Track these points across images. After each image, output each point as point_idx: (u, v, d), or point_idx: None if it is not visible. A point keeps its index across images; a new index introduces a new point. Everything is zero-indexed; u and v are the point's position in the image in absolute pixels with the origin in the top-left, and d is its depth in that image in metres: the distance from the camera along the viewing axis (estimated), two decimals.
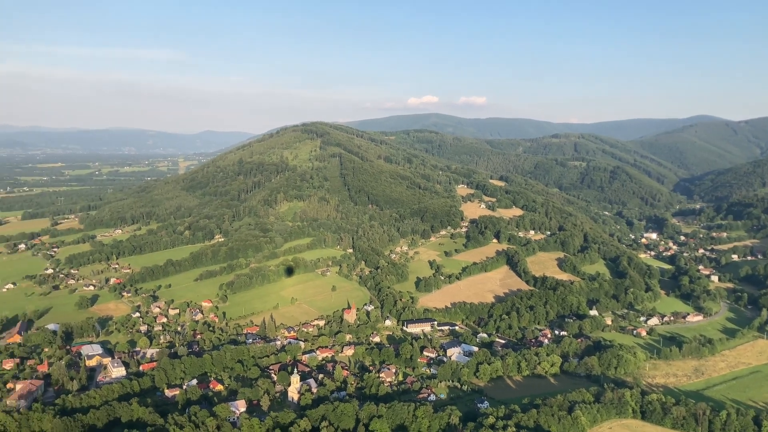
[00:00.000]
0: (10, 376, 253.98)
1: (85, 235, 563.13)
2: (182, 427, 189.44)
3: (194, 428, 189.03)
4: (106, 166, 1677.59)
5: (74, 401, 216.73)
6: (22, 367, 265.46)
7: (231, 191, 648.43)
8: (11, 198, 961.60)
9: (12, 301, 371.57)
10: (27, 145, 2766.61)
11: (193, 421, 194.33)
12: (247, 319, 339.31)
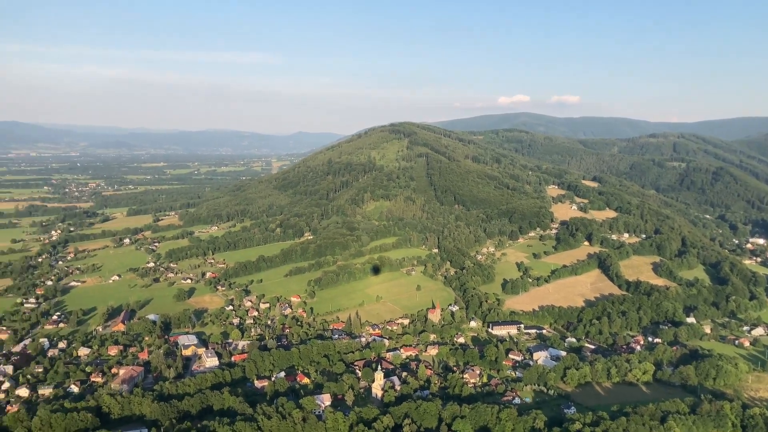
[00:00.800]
0: (114, 362, 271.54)
1: (183, 231, 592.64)
2: (270, 417, 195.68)
3: (281, 419, 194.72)
4: (204, 165, 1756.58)
5: (171, 388, 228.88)
6: (125, 354, 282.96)
7: (320, 190, 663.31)
8: (118, 195, 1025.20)
9: (117, 291, 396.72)
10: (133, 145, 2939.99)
11: (281, 412, 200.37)
12: (333, 315, 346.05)
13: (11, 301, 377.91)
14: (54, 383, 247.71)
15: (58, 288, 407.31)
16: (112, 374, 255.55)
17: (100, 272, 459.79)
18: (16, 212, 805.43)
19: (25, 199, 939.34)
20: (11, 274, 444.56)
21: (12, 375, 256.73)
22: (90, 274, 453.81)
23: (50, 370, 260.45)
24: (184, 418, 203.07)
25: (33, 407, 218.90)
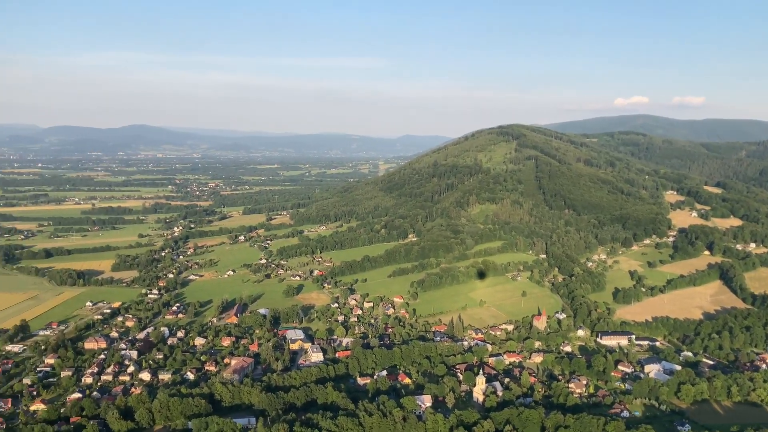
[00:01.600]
0: (226, 352, 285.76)
1: (294, 230, 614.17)
2: (371, 414, 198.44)
3: (382, 417, 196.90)
4: (314, 167, 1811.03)
5: (278, 380, 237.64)
6: (236, 345, 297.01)
7: (425, 192, 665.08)
8: (235, 195, 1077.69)
9: (231, 286, 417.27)
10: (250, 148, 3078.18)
11: (381, 409, 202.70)
12: (435, 318, 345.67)
13: (137, 291, 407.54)
14: (172, 369, 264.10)
15: (179, 281, 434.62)
16: (224, 364, 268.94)
17: (216, 267, 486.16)
18: (143, 209, 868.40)
19: (152, 198, 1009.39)
20: (138, 266, 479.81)
21: (136, 360, 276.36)
22: (207, 269, 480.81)
23: (169, 357, 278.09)
24: (290, 410, 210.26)
25: (153, 390, 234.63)
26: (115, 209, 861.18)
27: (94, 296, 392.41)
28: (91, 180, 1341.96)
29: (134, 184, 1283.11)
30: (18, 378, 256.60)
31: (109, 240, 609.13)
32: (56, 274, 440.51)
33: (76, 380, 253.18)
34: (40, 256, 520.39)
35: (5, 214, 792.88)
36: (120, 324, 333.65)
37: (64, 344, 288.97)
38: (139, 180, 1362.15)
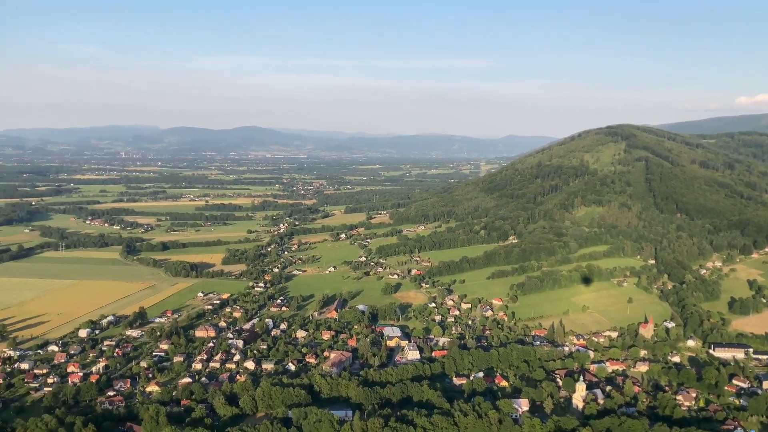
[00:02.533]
0: (326, 346, 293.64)
1: (393, 229, 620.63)
2: (466, 414, 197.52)
3: (477, 418, 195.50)
4: (415, 168, 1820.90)
5: (375, 375, 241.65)
6: (336, 339, 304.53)
7: (527, 194, 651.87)
8: (338, 194, 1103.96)
9: (332, 282, 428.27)
10: (353, 149, 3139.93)
11: (477, 410, 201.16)
12: (535, 321, 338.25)
13: (244, 284, 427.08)
14: (275, 360, 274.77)
15: (283, 275, 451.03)
16: (324, 357, 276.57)
17: (318, 263, 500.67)
18: (252, 206, 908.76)
19: (260, 196, 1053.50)
20: (246, 260, 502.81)
21: (242, 349, 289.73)
22: (310, 265, 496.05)
23: (272, 348, 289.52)
24: (385, 405, 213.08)
25: (257, 379, 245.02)
26: (227, 206, 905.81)
27: (206, 287, 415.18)
28: (205, 178, 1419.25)
29: (244, 182, 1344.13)
30: (136, 361, 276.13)
31: (220, 235, 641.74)
32: (172, 266, 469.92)
33: (187, 366, 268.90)
34: (158, 249, 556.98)
35: (128, 209, 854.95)
36: (228, 314, 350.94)
37: (177, 331, 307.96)
38: (249, 179, 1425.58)
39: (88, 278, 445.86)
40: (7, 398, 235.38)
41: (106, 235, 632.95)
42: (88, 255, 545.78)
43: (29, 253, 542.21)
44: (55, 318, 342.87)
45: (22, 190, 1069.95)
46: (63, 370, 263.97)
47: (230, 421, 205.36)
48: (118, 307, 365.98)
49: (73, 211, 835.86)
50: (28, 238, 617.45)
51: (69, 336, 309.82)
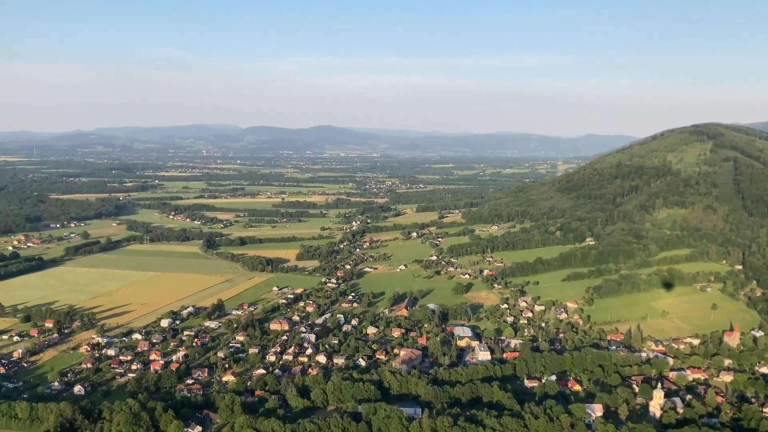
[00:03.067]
0: (396, 343, 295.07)
1: (465, 229, 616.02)
2: (537, 417, 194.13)
3: (548, 421, 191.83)
4: (489, 167, 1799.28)
5: (444, 374, 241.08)
6: (406, 337, 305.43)
7: (606, 194, 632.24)
8: (410, 193, 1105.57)
9: (403, 280, 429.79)
10: (426, 148, 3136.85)
11: (548, 414, 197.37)
12: (611, 326, 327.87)
13: (317, 279, 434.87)
14: (346, 355, 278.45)
15: (355, 272, 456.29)
16: (394, 354, 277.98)
17: (389, 261, 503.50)
18: (326, 204, 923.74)
19: (334, 193, 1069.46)
20: (319, 257, 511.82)
21: (314, 343, 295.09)
22: (381, 262, 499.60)
23: (344, 343, 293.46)
24: (454, 404, 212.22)
25: (328, 373, 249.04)
26: (302, 203, 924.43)
27: (280, 282, 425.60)
28: (281, 176, 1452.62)
29: (319, 180, 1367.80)
30: (214, 351, 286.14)
31: (295, 231, 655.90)
32: (249, 260, 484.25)
33: (262, 357, 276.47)
34: (236, 244, 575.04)
35: (209, 205, 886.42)
36: (301, 309, 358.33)
37: (253, 324, 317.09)
38: (323, 177, 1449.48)
39: (170, 270, 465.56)
40: (96, 382, 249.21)
41: (187, 229, 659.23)
42: (171, 248, 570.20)
43: (117, 246, 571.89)
44: (139, 308, 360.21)
45: (111, 185, 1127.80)
46: (146, 357, 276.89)
47: (302, 413, 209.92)
48: (197, 298, 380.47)
49: (158, 207, 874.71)
50: (116, 232, 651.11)
51: (152, 325, 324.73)
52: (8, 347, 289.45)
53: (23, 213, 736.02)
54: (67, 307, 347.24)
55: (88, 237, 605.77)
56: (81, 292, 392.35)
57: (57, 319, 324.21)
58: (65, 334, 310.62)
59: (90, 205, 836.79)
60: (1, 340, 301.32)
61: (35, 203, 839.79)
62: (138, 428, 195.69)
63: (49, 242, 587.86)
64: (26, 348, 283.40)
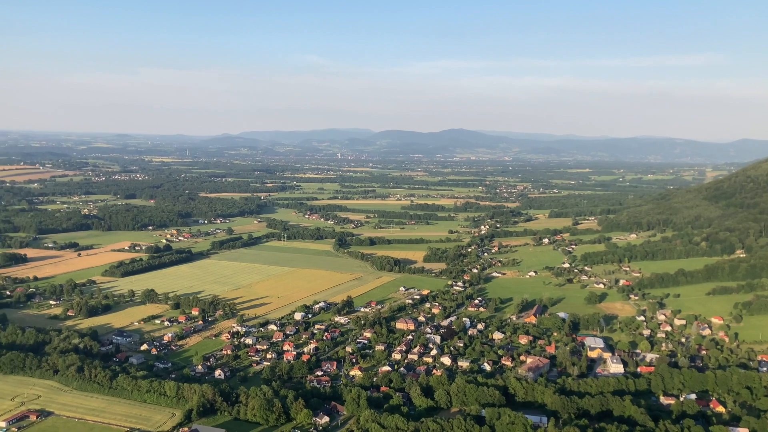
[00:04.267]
0: (523, 350, 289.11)
1: (601, 236, 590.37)
2: None
3: None
4: (629, 173, 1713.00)
5: (573, 384, 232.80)
6: (533, 345, 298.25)
7: (761, 204, 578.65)
8: (542, 198, 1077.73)
9: (532, 286, 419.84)
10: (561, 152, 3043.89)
11: None
12: (763, 345, 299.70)
13: (444, 282, 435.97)
14: (471, 358, 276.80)
15: (482, 276, 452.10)
16: (520, 360, 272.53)
17: (518, 267, 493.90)
18: (454, 207, 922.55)
19: (463, 197, 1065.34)
20: (446, 259, 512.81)
21: (439, 344, 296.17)
22: (509, 268, 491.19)
23: (469, 347, 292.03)
24: (582, 416, 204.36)
25: (452, 375, 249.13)
26: (430, 206, 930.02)
27: (407, 282, 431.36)
28: (411, 179, 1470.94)
29: (448, 184, 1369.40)
30: (342, 345, 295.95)
31: (423, 233, 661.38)
32: (377, 260, 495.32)
33: (387, 355, 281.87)
34: (366, 244, 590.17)
35: (342, 206, 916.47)
36: (427, 310, 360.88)
37: (380, 322, 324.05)
38: (452, 180, 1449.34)
39: (304, 267, 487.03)
40: (234, 367, 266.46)
41: (321, 228, 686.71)
42: (305, 246, 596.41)
43: (257, 242, 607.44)
44: (275, 300, 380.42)
45: (253, 185, 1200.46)
46: (279, 347, 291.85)
47: (425, 412, 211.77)
48: (328, 294, 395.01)
49: (295, 206, 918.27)
50: (257, 229, 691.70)
51: (286, 317, 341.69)
52: (160, 331, 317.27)
53: (176, 209, 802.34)
54: (212, 297, 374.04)
55: (231, 233, 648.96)
56: (224, 284, 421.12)
57: (202, 307, 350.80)
58: (209, 322, 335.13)
59: (234, 203, 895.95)
60: (154, 324, 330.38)
61: (186, 201, 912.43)
62: (271, 414, 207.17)
63: (197, 237, 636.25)
64: (175, 333, 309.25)
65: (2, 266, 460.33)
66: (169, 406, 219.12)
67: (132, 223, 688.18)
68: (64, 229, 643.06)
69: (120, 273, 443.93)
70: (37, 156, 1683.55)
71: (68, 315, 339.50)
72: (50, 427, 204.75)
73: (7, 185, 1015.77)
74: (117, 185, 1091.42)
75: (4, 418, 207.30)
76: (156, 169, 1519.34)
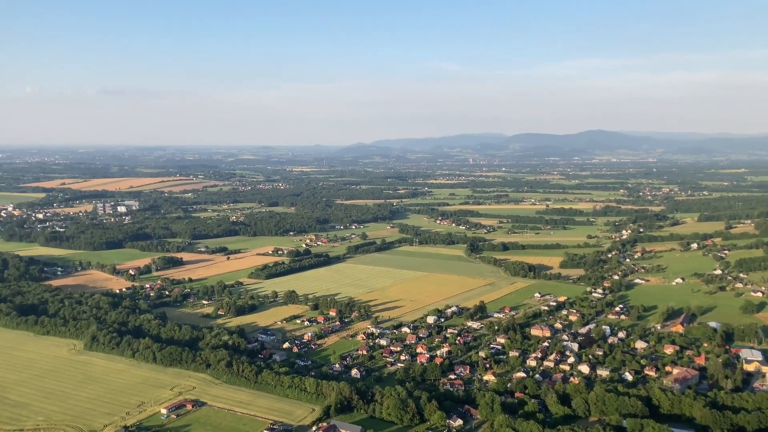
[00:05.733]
0: (668, 360, 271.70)
1: (758, 241, 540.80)
2: None
3: None
4: None
5: (726, 398, 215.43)
6: (680, 355, 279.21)
7: None
8: (690, 201, 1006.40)
9: (678, 294, 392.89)
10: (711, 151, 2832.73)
11: None
12: None
13: (582, 288, 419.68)
14: (611, 367, 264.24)
15: (623, 283, 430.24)
16: (665, 371, 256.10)
17: (663, 273, 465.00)
18: (593, 212, 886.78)
19: (602, 201, 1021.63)
20: (584, 265, 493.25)
21: (576, 352, 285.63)
22: (654, 274, 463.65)
23: (608, 355, 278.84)
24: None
25: (590, 383, 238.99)
26: (567, 210, 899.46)
27: (542, 289, 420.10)
28: (546, 183, 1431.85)
29: (586, 187, 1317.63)
30: (475, 350, 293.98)
31: (559, 239, 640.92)
32: (510, 266, 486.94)
33: (522, 361, 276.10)
34: (498, 249, 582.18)
35: (473, 211, 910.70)
36: (564, 317, 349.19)
37: (514, 328, 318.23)
38: (591, 183, 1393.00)
39: (436, 271, 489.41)
40: (369, 367, 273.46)
41: (452, 234, 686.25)
42: (437, 251, 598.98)
43: (389, 246, 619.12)
44: (408, 304, 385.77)
45: (386, 192, 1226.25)
46: (413, 349, 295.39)
47: (561, 420, 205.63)
48: (460, 299, 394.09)
49: (426, 212, 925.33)
50: (389, 234, 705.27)
51: (418, 321, 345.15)
52: (300, 330, 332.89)
53: (314, 216, 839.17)
54: (348, 299, 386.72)
55: (365, 238, 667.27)
56: (359, 287, 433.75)
57: (339, 308, 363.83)
58: (345, 323, 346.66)
59: (368, 209, 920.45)
60: (295, 323, 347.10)
61: (324, 207, 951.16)
62: (405, 414, 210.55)
63: (334, 241, 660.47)
64: (314, 332, 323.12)
65: (162, 268, 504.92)
66: (309, 402, 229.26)
67: (275, 229, 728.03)
68: (215, 234, 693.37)
69: (264, 275, 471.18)
70: (191, 168, 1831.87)
71: (219, 314, 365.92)
72: (204, 416, 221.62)
73: (166, 195, 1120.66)
74: (261, 194, 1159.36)
75: (165, 405, 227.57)
76: (296, 179, 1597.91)
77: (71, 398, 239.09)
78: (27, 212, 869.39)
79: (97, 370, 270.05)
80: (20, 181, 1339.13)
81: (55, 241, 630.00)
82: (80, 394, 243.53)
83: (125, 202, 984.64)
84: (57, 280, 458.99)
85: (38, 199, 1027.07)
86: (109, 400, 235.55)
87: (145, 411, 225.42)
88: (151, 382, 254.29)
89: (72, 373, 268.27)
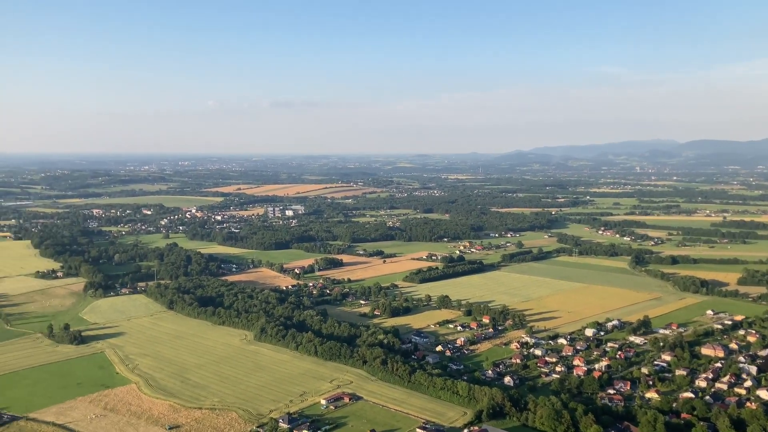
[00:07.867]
0: None
1: None
2: None
3: None
4: None
5: None
6: None
7: None
8: None
9: None
10: None
11: None
12: None
13: (763, 308, 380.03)
14: None
15: None
16: None
17: None
18: None
19: None
20: (766, 283, 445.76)
21: (755, 376, 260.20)
22: None
23: None
24: None
25: None
26: (748, 223, 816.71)
27: (716, 306, 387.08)
28: (724, 193, 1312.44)
29: None
30: (637, 366, 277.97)
31: (738, 253, 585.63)
32: (680, 280, 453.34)
33: (690, 381, 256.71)
34: (666, 262, 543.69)
35: (639, 222, 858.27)
36: (740, 337, 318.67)
37: (681, 345, 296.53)
38: None
39: (596, 283, 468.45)
40: (523, 376, 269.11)
41: (615, 245, 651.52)
42: (598, 262, 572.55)
43: (547, 256, 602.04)
44: (565, 315, 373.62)
45: (544, 200, 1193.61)
46: (569, 361, 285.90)
47: None
48: (622, 313, 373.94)
49: (587, 222, 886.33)
50: (547, 243, 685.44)
51: (576, 333, 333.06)
52: (453, 335, 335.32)
53: (469, 223, 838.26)
54: (501, 307, 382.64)
55: (521, 246, 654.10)
56: (513, 295, 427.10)
57: (492, 316, 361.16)
58: (498, 330, 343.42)
59: (525, 218, 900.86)
60: (448, 328, 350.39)
61: (479, 215, 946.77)
62: (559, 425, 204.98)
63: (488, 249, 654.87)
64: (467, 337, 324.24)
65: (324, 268, 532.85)
66: (461, 405, 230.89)
67: (429, 235, 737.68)
68: (372, 238, 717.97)
69: (418, 279, 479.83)
70: (352, 176, 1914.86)
71: (374, 314, 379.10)
72: (359, 409, 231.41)
73: (329, 201, 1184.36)
74: (417, 200, 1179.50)
75: (324, 396, 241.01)
76: (451, 186, 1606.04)
77: (242, 384, 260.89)
78: (207, 214, 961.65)
79: (264, 360, 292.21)
80: (202, 186, 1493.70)
81: (230, 240, 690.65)
82: (250, 380, 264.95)
83: (292, 206, 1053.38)
84: (232, 276, 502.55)
85: (217, 203, 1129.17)
86: (275, 388, 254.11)
87: (306, 400, 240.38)
88: (312, 374, 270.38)
89: (243, 361, 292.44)
